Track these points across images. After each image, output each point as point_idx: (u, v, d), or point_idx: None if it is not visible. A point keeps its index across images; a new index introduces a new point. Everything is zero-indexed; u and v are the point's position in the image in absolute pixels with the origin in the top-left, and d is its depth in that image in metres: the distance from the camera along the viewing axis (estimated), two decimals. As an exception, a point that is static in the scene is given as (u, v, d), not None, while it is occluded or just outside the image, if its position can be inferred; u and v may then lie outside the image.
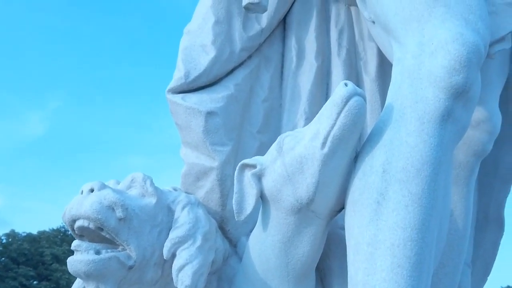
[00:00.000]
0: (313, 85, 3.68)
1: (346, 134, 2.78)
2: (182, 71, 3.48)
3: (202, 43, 3.56)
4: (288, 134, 2.99)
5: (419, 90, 2.77)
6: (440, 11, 2.86)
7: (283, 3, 3.76)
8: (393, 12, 3.01)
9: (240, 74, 3.63)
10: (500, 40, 3.23)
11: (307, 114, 3.62)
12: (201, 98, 3.45)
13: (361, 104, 2.78)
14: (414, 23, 2.90)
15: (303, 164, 2.85)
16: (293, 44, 3.78)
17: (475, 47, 2.75)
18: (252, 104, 3.67)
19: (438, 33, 2.79)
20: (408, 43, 2.89)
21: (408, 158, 2.71)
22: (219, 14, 3.62)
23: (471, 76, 2.74)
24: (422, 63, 2.79)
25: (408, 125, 2.75)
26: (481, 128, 3.42)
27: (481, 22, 2.87)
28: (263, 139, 3.64)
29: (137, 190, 3.18)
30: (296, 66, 3.74)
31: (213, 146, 3.40)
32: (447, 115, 2.73)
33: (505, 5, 3.23)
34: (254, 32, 3.67)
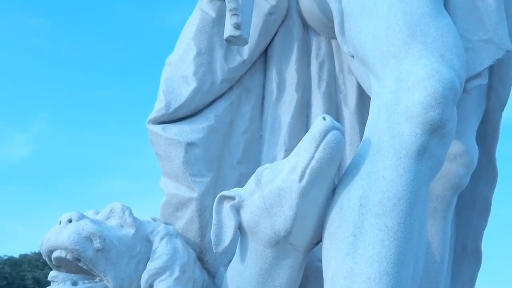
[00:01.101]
0: (293, 117, 3.72)
1: (323, 168, 2.82)
2: (163, 102, 3.51)
3: (184, 74, 3.60)
4: (266, 167, 3.02)
5: (396, 125, 2.81)
6: (417, 48, 2.91)
7: (264, 35, 3.81)
8: (371, 48, 3.06)
9: (220, 105, 3.66)
10: (477, 76, 3.28)
11: (287, 145, 3.65)
12: (181, 129, 3.48)
13: (339, 138, 2.82)
14: (392, 58, 2.95)
15: (281, 197, 2.87)
16: (274, 76, 3.82)
17: (451, 84, 2.80)
18: (232, 135, 3.70)
19: (415, 69, 2.84)
20: (386, 78, 2.94)
21: (385, 192, 2.74)
22: (201, 45, 3.66)
23: (446, 112, 2.78)
24: (399, 99, 2.83)
25: (385, 159, 2.78)
26: (458, 162, 3.47)
27: (457, 59, 2.93)
28: (243, 170, 3.67)
29: (116, 221, 3.19)
30: (277, 98, 3.78)
31: (192, 177, 3.42)
32: (423, 150, 2.77)
33: (481, 42, 3.29)
34: (235, 63, 3.71)
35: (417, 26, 2.97)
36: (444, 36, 2.96)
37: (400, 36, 2.96)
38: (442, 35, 2.96)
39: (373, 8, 3.12)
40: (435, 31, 2.96)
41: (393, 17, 3.01)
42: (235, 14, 3.26)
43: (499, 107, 3.76)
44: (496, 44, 3.28)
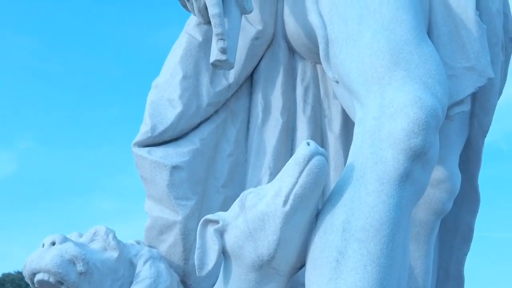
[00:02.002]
0: (278, 141, 3.75)
1: (307, 193, 2.83)
2: (148, 125, 3.53)
3: (169, 98, 3.62)
4: (250, 191, 3.03)
5: (379, 151, 2.84)
6: (400, 75, 2.95)
7: (250, 59, 3.84)
8: (355, 74, 3.10)
9: (206, 128, 3.69)
10: (459, 102, 3.33)
11: (272, 169, 3.67)
12: (166, 152, 3.49)
13: (323, 163, 2.84)
14: (375, 85, 2.99)
15: (265, 221, 2.89)
16: (259, 100, 3.85)
17: (433, 111, 2.84)
18: (218, 159, 3.72)
19: (398, 96, 2.87)
20: (370, 104, 2.97)
21: (368, 217, 2.76)
22: (187, 69, 3.69)
23: (429, 138, 2.81)
24: (383, 125, 2.87)
25: (368, 185, 2.81)
26: (441, 187, 3.51)
27: (440, 86, 2.97)
28: (228, 193, 3.68)
29: (100, 244, 3.19)
30: (262, 122, 3.81)
31: (177, 200, 3.43)
32: (406, 176, 2.80)
33: (463, 69, 3.34)
34: (221, 87, 3.74)
35: (400, 53, 3.01)
36: (427, 64, 3.01)
37: (384, 63, 3.00)
38: (425, 63, 3.01)
39: (357, 35, 3.16)
40: (418, 58, 3.01)
41: (377, 44, 3.06)
42: (222, 39, 3.29)
43: (481, 133, 3.81)
44: (478, 72, 3.33)
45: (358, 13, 3.22)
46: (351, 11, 3.26)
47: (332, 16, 3.35)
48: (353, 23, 3.21)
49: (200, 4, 3.33)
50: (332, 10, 3.37)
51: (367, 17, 3.18)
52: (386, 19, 3.13)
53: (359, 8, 3.23)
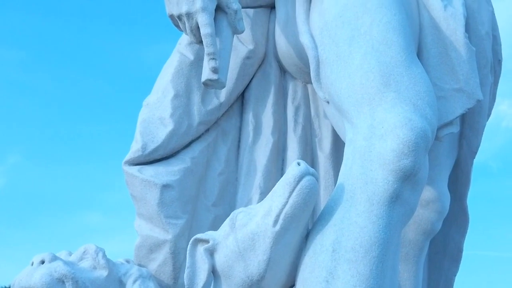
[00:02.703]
0: (269, 160, 3.76)
1: (297, 213, 2.84)
2: (139, 143, 3.53)
3: (161, 116, 3.62)
4: (241, 210, 3.04)
5: (369, 172, 2.86)
6: (391, 96, 2.98)
7: (241, 79, 3.86)
8: (346, 95, 3.12)
9: (197, 147, 3.69)
10: (449, 124, 3.37)
11: (262, 189, 3.68)
12: (157, 171, 3.50)
13: (313, 183, 2.86)
14: (366, 106, 3.01)
15: (255, 241, 2.89)
16: (250, 119, 3.86)
17: (423, 132, 2.86)
18: (208, 177, 3.72)
19: (388, 117, 2.90)
20: (360, 125, 3.00)
21: (357, 238, 2.77)
22: (179, 88, 3.70)
23: (418, 160, 2.84)
24: (373, 146, 2.89)
25: (358, 205, 2.82)
26: (430, 208, 3.53)
27: (429, 107, 3.00)
28: (218, 212, 3.68)
29: (89, 262, 3.18)
30: (253, 141, 3.82)
31: (167, 219, 3.43)
32: (396, 197, 2.81)
33: (453, 91, 3.38)
34: (212, 106, 3.75)
35: (390, 75, 3.04)
36: (417, 85, 3.04)
37: (374, 84, 3.03)
38: (415, 84, 3.04)
39: (348, 56, 3.19)
40: (408, 80, 3.04)
41: (368, 66, 3.09)
42: (213, 59, 3.31)
43: (471, 154, 3.84)
44: (468, 94, 3.36)
45: (349, 34, 3.25)
46: (342, 32, 3.29)
47: (323, 37, 3.38)
48: (344, 44, 3.24)
49: (192, 24, 3.35)
50: (323, 31, 3.40)
51: (357, 38, 3.21)
52: (376, 40, 3.17)
53: (350, 29, 3.26)
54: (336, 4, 3.41)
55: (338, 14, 3.36)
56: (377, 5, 3.29)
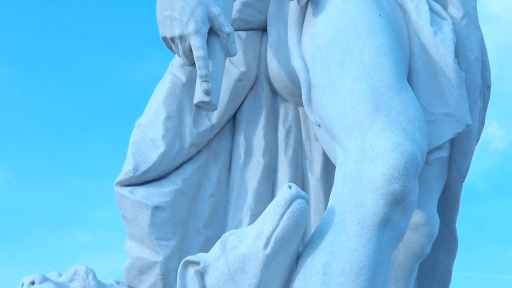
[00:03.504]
0: (260, 182, 3.78)
1: (288, 236, 2.86)
2: (131, 164, 3.54)
3: (153, 137, 3.63)
4: (232, 233, 3.05)
5: (359, 195, 2.88)
6: (381, 121, 3.01)
7: (233, 101, 3.88)
8: (337, 118, 3.15)
9: (188, 169, 3.70)
10: (438, 148, 3.40)
11: (253, 210, 3.69)
12: (148, 192, 3.50)
13: (304, 206, 2.87)
14: (357, 130, 3.04)
15: (246, 264, 2.90)
16: (241, 141, 3.88)
17: (413, 157, 2.89)
18: (199, 199, 3.73)
19: (379, 142, 2.92)
20: (351, 148, 3.02)
21: (348, 261, 2.79)
22: (171, 109, 3.71)
23: (408, 184, 2.86)
24: (363, 169, 2.91)
25: (348, 229, 2.84)
26: (420, 231, 3.55)
27: (419, 132, 3.03)
28: (208, 234, 3.69)
29: (79, 283, 3.17)
30: (244, 163, 3.83)
31: (158, 240, 3.43)
32: (386, 221, 2.83)
33: (442, 115, 3.42)
34: (204, 128, 3.77)
35: (381, 99, 3.07)
36: (407, 110, 3.07)
37: (365, 109, 3.06)
38: (405, 109, 3.07)
39: (339, 80, 3.22)
40: (398, 104, 3.07)
41: (359, 90, 3.12)
42: (206, 81, 3.33)
43: (460, 178, 3.87)
44: (457, 118, 3.40)
45: (340, 58, 3.28)
46: (333, 56, 3.32)
47: (315, 61, 3.41)
48: (335, 68, 3.27)
49: (185, 46, 3.38)
50: (314, 54, 3.43)
51: (349, 62, 3.24)
52: (367, 65, 3.20)
53: (341, 54, 3.29)
54: (327, 28, 3.45)
55: (329, 38, 3.39)
56: (368, 30, 3.33)
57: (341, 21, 3.41)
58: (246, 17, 4.00)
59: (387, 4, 3.59)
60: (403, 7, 3.66)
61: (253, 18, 4.02)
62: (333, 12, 3.49)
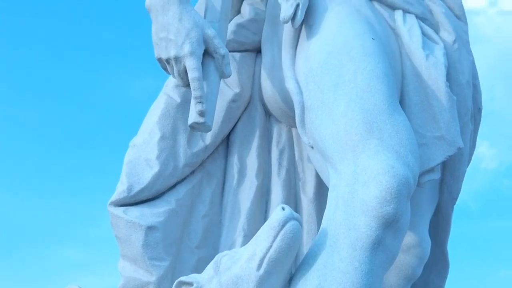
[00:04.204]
0: (253, 203, 3.79)
1: (281, 257, 2.88)
2: (125, 184, 3.55)
3: (147, 158, 3.65)
4: (225, 254, 3.06)
5: (352, 218, 2.91)
6: (374, 143, 3.04)
7: (227, 121, 3.91)
8: (330, 141, 3.18)
9: (182, 189, 3.72)
10: (430, 170, 3.44)
11: (246, 231, 3.70)
12: (142, 212, 3.51)
13: (297, 228, 2.90)
14: (350, 152, 3.07)
15: (239, 285, 2.91)
16: (235, 162, 3.90)
17: (405, 180, 2.92)
18: (192, 219, 3.74)
19: (371, 164, 2.96)
20: (344, 171, 3.05)
21: (340, 284, 2.81)
22: (165, 130, 3.73)
23: (400, 207, 2.89)
24: (356, 192, 2.94)
25: (341, 251, 2.86)
26: (412, 253, 3.58)
27: (411, 155, 3.06)
28: (202, 254, 3.70)
29: (72, 303, 3.17)
30: (237, 183, 3.85)
31: (151, 260, 3.44)
32: (378, 243, 2.86)
33: (434, 138, 3.45)
34: (198, 148, 3.79)
35: (374, 122, 3.11)
36: (400, 133, 3.11)
37: (358, 131, 3.09)
38: (397, 132, 3.11)
39: (332, 103, 3.26)
40: (391, 127, 3.11)
41: (352, 113, 3.15)
42: (200, 102, 3.36)
43: (451, 200, 3.90)
44: (448, 141, 3.44)
45: (334, 81, 3.32)
46: (327, 79, 3.36)
47: (308, 83, 3.45)
48: (329, 91, 3.31)
49: (180, 68, 3.41)
50: (308, 77, 3.47)
51: (342, 85, 3.28)
52: (360, 88, 3.24)
53: (335, 77, 3.33)
54: (321, 51, 3.49)
55: (323, 61, 3.43)
56: (361, 53, 3.37)
57: (334, 44, 3.45)
58: (241, 38, 4.04)
59: (380, 27, 3.64)
60: (395, 30, 3.71)
61: (247, 40, 4.07)
62: (326, 35, 3.53)
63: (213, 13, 3.60)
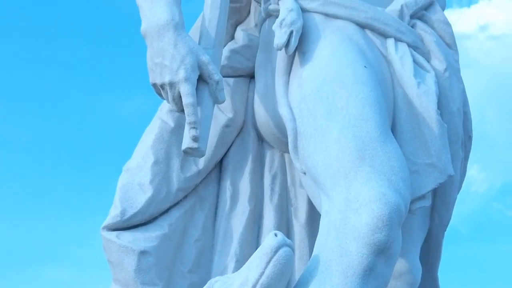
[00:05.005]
0: (245, 228, 3.81)
1: (273, 284, 2.89)
2: (118, 208, 3.56)
3: (140, 182, 3.67)
4: (217, 279, 3.07)
5: (344, 244, 2.93)
6: (366, 171, 3.07)
7: (220, 146, 3.94)
8: (323, 167, 3.21)
9: (175, 213, 3.73)
10: (421, 197, 3.47)
11: (238, 256, 3.72)
12: (135, 237, 3.52)
13: (289, 254, 2.92)
14: (342, 179, 3.10)
15: (231, 311, 2.92)
16: (228, 186, 3.92)
17: (397, 207, 2.95)
18: (185, 244, 3.75)
19: (363, 191, 2.99)
20: (336, 197, 3.08)
21: None
22: (159, 154, 3.75)
23: (392, 234, 2.92)
24: (348, 219, 2.97)
25: (333, 278, 2.88)
26: (403, 279, 3.60)
27: (403, 182, 3.10)
28: (194, 279, 3.70)
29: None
30: (230, 208, 3.87)
31: (143, 285, 3.45)
32: (369, 270, 2.88)
33: (425, 165, 3.49)
34: (191, 173, 3.81)
35: (366, 149, 3.14)
36: (391, 161, 3.14)
37: (350, 158, 3.13)
38: (389, 159, 3.14)
39: (325, 129, 3.29)
40: (383, 155, 3.14)
41: (344, 140, 3.19)
42: (194, 127, 3.39)
43: (442, 227, 3.93)
44: (439, 169, 3.48)
45: (327, 108, 3.36)
46: (319, 106, 3.39)
47: (302, 110, 3.48)
48: (322, 118, 3.34)
49: (174, 93, 3.44)
50: (301, 104, 3.50)
51: (335, 113, 3.32)
52: (353, 115, 3.27)
53: (328, 104, 3.37)
54: (314, 78, 3.52)
55: (316, 88, 3.47)
56: (354, 81, 3.41)
57: (327, 72, 3.49)
58: (235, 64, 4.08)
59: (372, 55, 3.69)
60: (387, 58, 3.75)
61: (241, 65, 4.11)
62: (320, 63, 3.57)
63: (208, 39, 3.64)
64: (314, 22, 3.75)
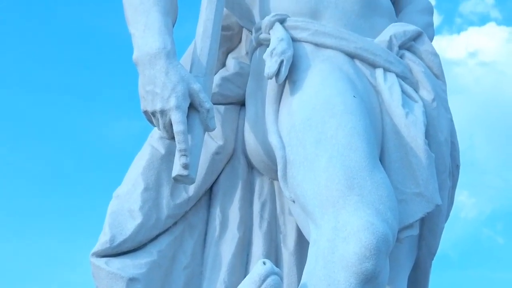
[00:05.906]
0: (234, 256, 3.82)
1: (262, 311, 2.91)
2: (108, 235, 3.57)
3: (130, 208, 3.68)
4: (206, 307, 3.09)
5: (331, 273, 2.95)
6: (354, 200, 3.11)
7: (210, 173, 3.96)
8: (311, 196, 3.25)
9: (164, 240, 3.74)
10: (409, 226, 3.50)
11: (226, 283, 3.72)
12: (124, 264, 3.53)
13: (278, 283, 2.94)
14: (330, 208, 3.14)
15: None
16: (217, 213, 3.94)
17: (384, 237, 2.98)
18: (174, 270, 3.75)
19: (351, 220, 3.02)
20: (324, 226, 3.11)
21: None
22: (149, 181, 3.77)
23: (380, 263, 2.95)
24: (336, 247, 2.99)
25: None
26: (390, 308, 3.60)
27: (390, 212, 3.13)
28: (182, 306, 3.70)
29: None
30: (219, 235, 3.88)
31: None
32: (357, 299, 2.90)
33: (413, 194, 3.53)
34: (181, 200, 3.82)
35: (354, 178, 3.18)
36: (379, 190, 3.18)
37: (339, 187, 3.16)
38: (377, 189, 3.18)
39: (314, 158, 3.33)
40: (371, 184, 3.18)
41: (333, 169, 3.22)
42: (184, 155, 3.41)
43: (429, 255, 3.95)
44: (427, 198, 3.51)
45: (316, 137, 3.40)
46: (309, 135, 3.43)
47: (291, 138, 3.52)
48: (311, 147, 3.38)
49: (165, 121, 3.47)
50: (291, 132, 3.54)
51: (324, 142, 3.36)
52: (341, 145, 3.31)
53: (317, 133, 3.41)
54: (304, 107, 3.57)
55: (306, 117, 3.51)
56: (343, 110, 3.46)
57: (317, 101, 3.54)
58: (225, 91, 4.12)
59: (361, 85, 3.74)
60: (376, 88, 3.80)
61: (232, 93, 4.14)
62: (309, 92, 3.61)
63: (199, 67, 3.68)
64: (304, 52, 3.80)
